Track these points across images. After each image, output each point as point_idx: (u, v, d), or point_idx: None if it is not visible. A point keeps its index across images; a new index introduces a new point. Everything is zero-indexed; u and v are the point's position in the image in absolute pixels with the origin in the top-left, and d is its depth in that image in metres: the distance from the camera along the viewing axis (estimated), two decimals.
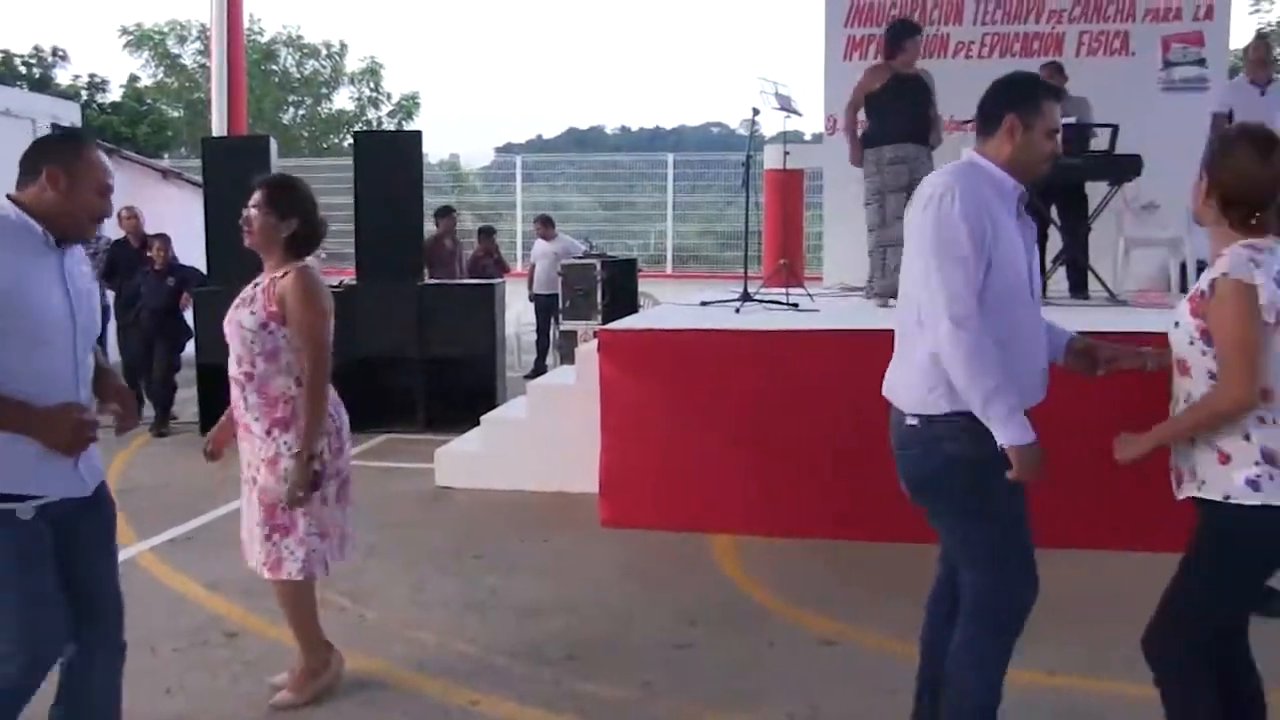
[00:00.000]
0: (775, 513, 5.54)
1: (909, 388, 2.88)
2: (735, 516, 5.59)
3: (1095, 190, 7.52)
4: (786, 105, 7.42)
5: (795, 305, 6.80)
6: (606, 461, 5.83)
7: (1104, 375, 3.03)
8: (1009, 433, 2.69)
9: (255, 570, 3.65)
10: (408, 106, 25.92)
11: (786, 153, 8.83)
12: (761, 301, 6.93)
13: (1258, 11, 23.29)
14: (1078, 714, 3.65)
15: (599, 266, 9.16)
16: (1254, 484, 2.54)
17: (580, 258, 10.13)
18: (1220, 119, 7.57)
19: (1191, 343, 2.64)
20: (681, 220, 18.66)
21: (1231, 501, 2.57)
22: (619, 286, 9.30)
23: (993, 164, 2.84)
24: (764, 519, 5.54)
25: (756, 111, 7.42)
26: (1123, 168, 7.12)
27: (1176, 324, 2.70)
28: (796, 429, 5.50)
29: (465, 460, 6.81)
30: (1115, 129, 7.22)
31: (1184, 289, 8.10)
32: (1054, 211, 7.45)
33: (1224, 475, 2.59)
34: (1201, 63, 8.74)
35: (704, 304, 7.20)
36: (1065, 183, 7.12)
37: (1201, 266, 8.56)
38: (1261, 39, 7.66)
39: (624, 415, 5.78)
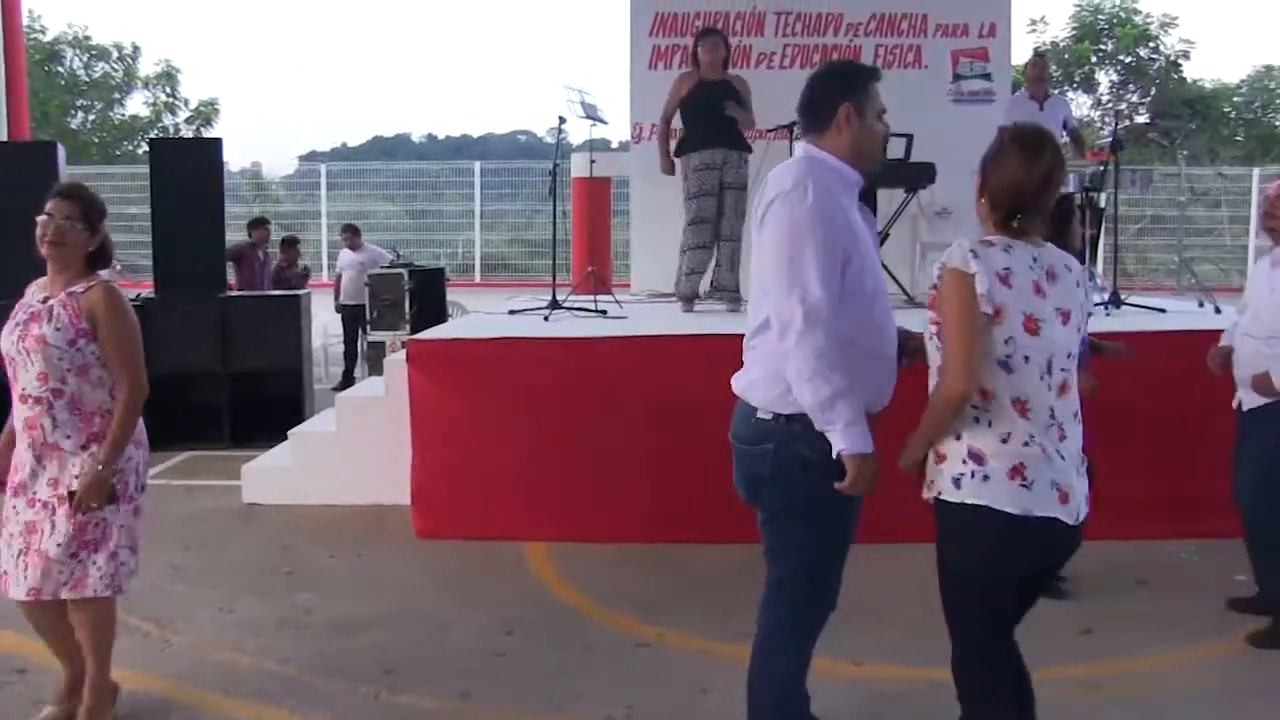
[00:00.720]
0: (589, 518, 5.63)
1: (765, 385, 2.85)
2: (550, 523, 5.66)
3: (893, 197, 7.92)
4: (592, 114, 7.55)
5: (603, 312, 6.92)
6: (418, 473, 5.81)
7: (906, 367, 3.02)
8: (850, 439, 2.67)
9: (26, 596, 3.43)
10: (206, 113, 24.86)
11: (593, 161, 8.95)
12: (570, 309, 7.03)
13: (1034, 31, 24.83)
14: (887, 700, 3.85)
15: (406, 276, 9.08)
16: (956, 482, 2.62)
17: (387, 267, 10.02)
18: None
19: (930, 338, 2.73)
20: (489, 229, 18.66)
21: (942, 499, 2.67)
22: (427, 296, 9.24)
23: (833, 157, 2.84)
24: (578, 525, 5.62)
25: (563, 120, 7.52)
26: (917, 175, 7.53)
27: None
28: (607, 434, 5.61)
29: (273, 475, 6.66)
30: (910, 138, 7.62)
31: None
32: None
33: (939, 474, 2.67)
34: (988, 77, 9.30)
35: (513, 313, 7.25)
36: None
37: None
38: (1039, 57, 8.26)
39: (435, 426, 5.78)
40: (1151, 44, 23.67)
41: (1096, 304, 6.89)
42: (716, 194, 7.03)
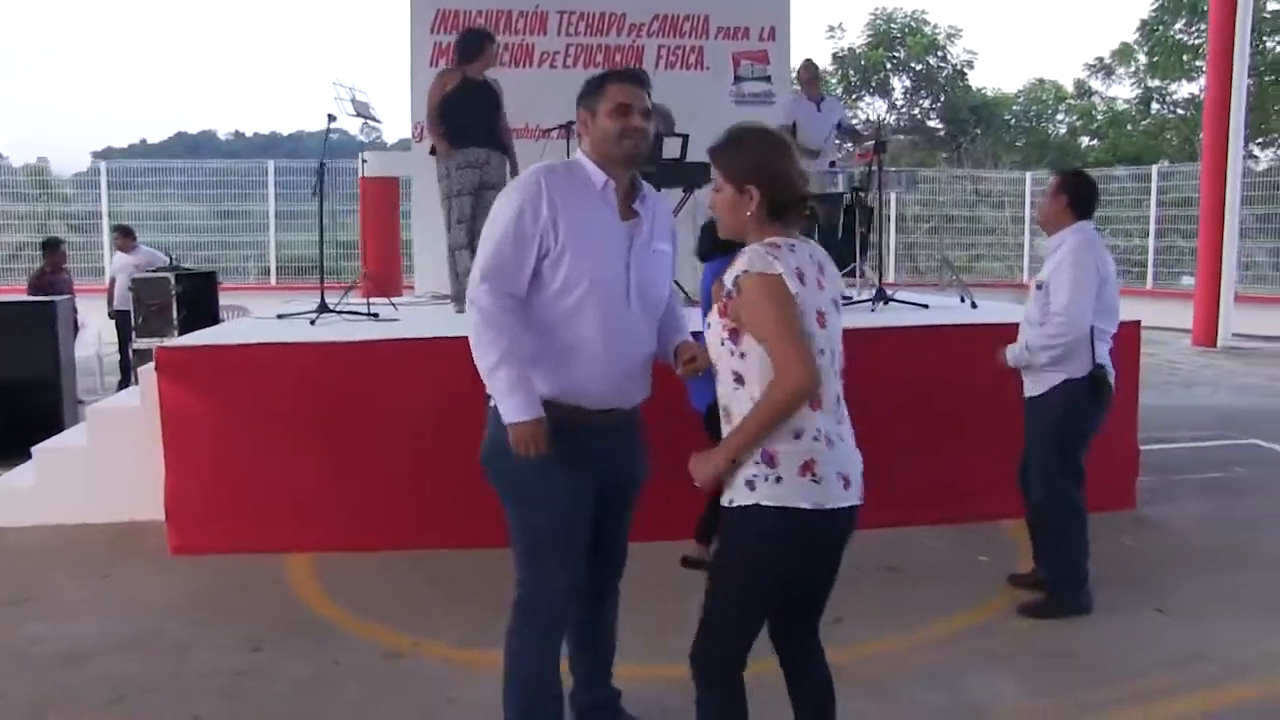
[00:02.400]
0: (354, 528, 5.47)
1: None
2: (313, 535, 5.48)
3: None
4: (364, 111, 7.40)
5: (375, 315, 6.77)
6: (172, 486, 5.54)
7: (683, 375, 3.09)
8: (506, 407, 2.84)
9: None
10: None
11: (364, 160, 8.77)
12: (341, 313, 6.84)
13: (832, 37, 25.71)
14: (635, 699, 3.85)
15: (173, 280, 8.65)
16: (750, 484, 2.61)
17: (156, 270, 9.55)
18: (784, 130, 8.30)
19: (722, 344, 2.71)
20: (290, 230, 18.06)
21: (735, 505, 2.65)
22: (197, 300, 8.83)
23: (587, 158, 2.98)
24: (344, 535, 5.46)
25: (333, 118, 7.33)
26: (693, 175, 7.60)
27: (709, 325, 2.76)
28: (372, 441, 5.47)
29: (15, 496, 6.22)
30: (685, 138, 7.71)
31: None
32: None
33: (734, 480, 2.66)
34: (768, 79, 9.54)
35: (280, 316, 7.01)
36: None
37: None
38: (809, 62, 8.48)
39: (190, 436, 5.52)
40: (940, 52, 24.80)
41: (863, 300, 7.16)
42: (474, 193, 6.96)
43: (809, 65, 8.37)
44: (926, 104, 25.22)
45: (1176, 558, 5.37)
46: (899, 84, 25.33)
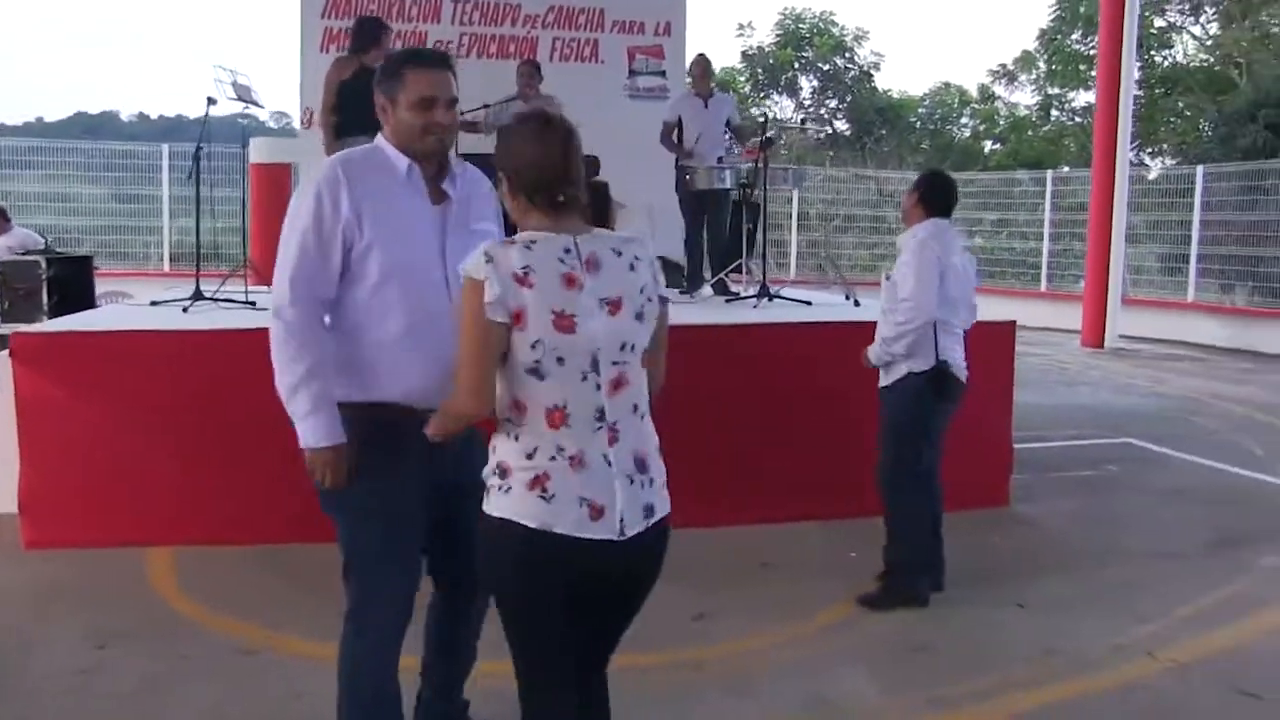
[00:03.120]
0: (217, 520, 5.32)
1: None
2: (175, 528, 5.31)
3: None
4: (245, 95, 7.21)
5: (253, 304, 6.60)
6: (26, 478, 5.32)
7: None
8: (303, 432, 2.69)
9: None
10: None
11: (245, 146, 8.57)
12: (218, 300, 6.67)
13: (742, 35, 25.90)
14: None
15: (43, 263, 8.34)
16: (488, 491, 2.45)
17: (27, 253, 9.20)
18: (670, 126, 8.31)
19: None
20: (189, 215, 17.56)
21: (484, 512, 2.46)
22: (71, 285, 8.52)
23: (388, 145, 2.81)
24: (206, 528, 5.30)
25: (212, 101, 7.12)
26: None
27: None
28: (234, 432, 5.30)
29: None
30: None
31: None
32: None
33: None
34: (662, 74, 9.54)
35: (154, 303, 6.81)
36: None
37: (664, 263, 9.39)
38: (700, 57, 8.46)
39: (45, 426, 5.31)
40: (847, 54, 25.11)
41: (747, 296, 7.18)
42: None
43: (700, 60, 8.35)
44: (833, 104, 25.52)
45: (1042, 554, 5.48)
46: (807, 84, 25.59)
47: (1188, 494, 6.64)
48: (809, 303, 7.14)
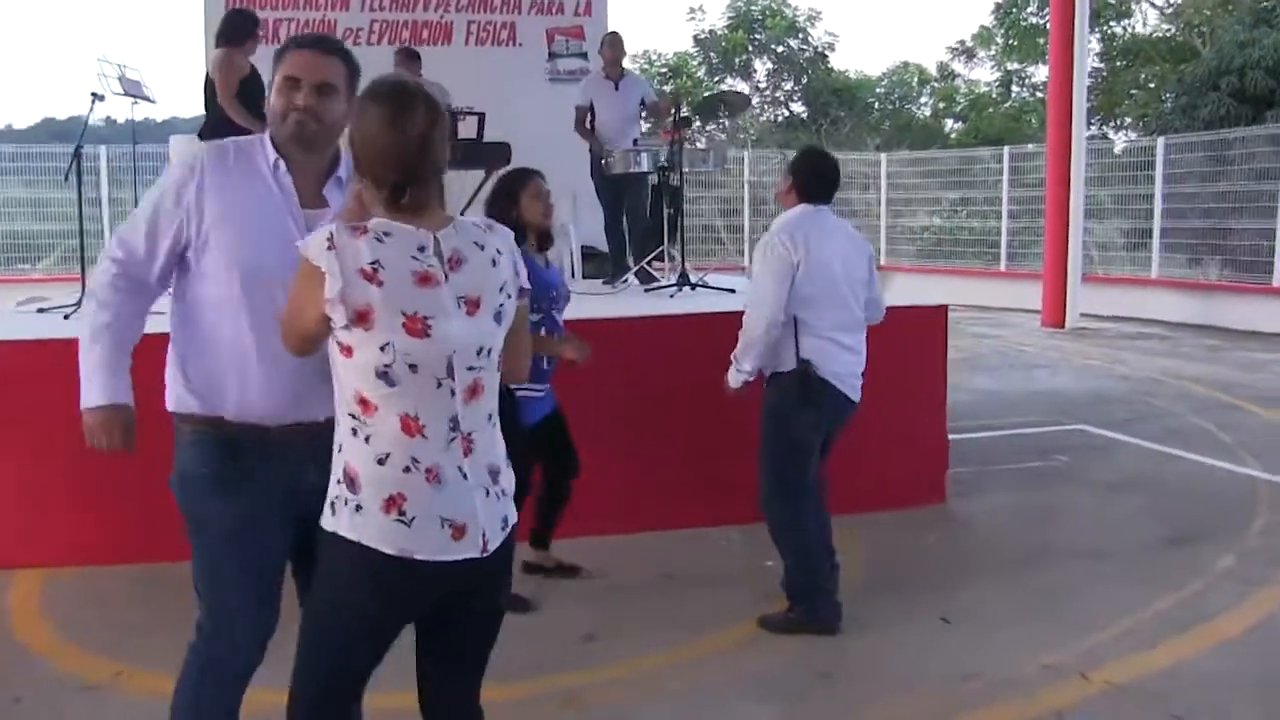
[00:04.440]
0: (92, 539, 4.89)
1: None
2: (46, 547, 4.90)
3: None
4: (135, 90, 6.79)
5: None
6: None
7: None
8: (84, 391, 2.49)
9: None
10: None
11: (136, 144, 8.16)
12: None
13: (693, 19, 25.50)
14: None
15: None
16: (332, 506, 2.20)
17: None
18: (582, 111, 7.93)
19: None
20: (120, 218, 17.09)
21: (321, 526, 2.23)
22: None
23: (268, 137, 2.56)
24: (79, 547, 4.89)
25: (99, 97, 6.66)
26: (491, 155, 7.14)
27: None
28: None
29: None
30: (482, 116, 7.29)
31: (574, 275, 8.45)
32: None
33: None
34: (584, 55, 9.14)
35: (41, 310, 6.41)
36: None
37: (586, 253, 9.01)
38: (610, 37, 8.08)
39: None
40: (801, 35, 24.77)
41: (666, 285, 6.80)
42: None
43: (611, 41, 7.95)
44: (789, 87, 25.18)
45: (975, 556, 5.12)
46: (761, 67, 25.25)
47: (1140, 486, 6.25)
48: (733, 290, 6.73)
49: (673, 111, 7.14)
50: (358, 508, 2.13)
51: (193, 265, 2.50)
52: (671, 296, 6.56)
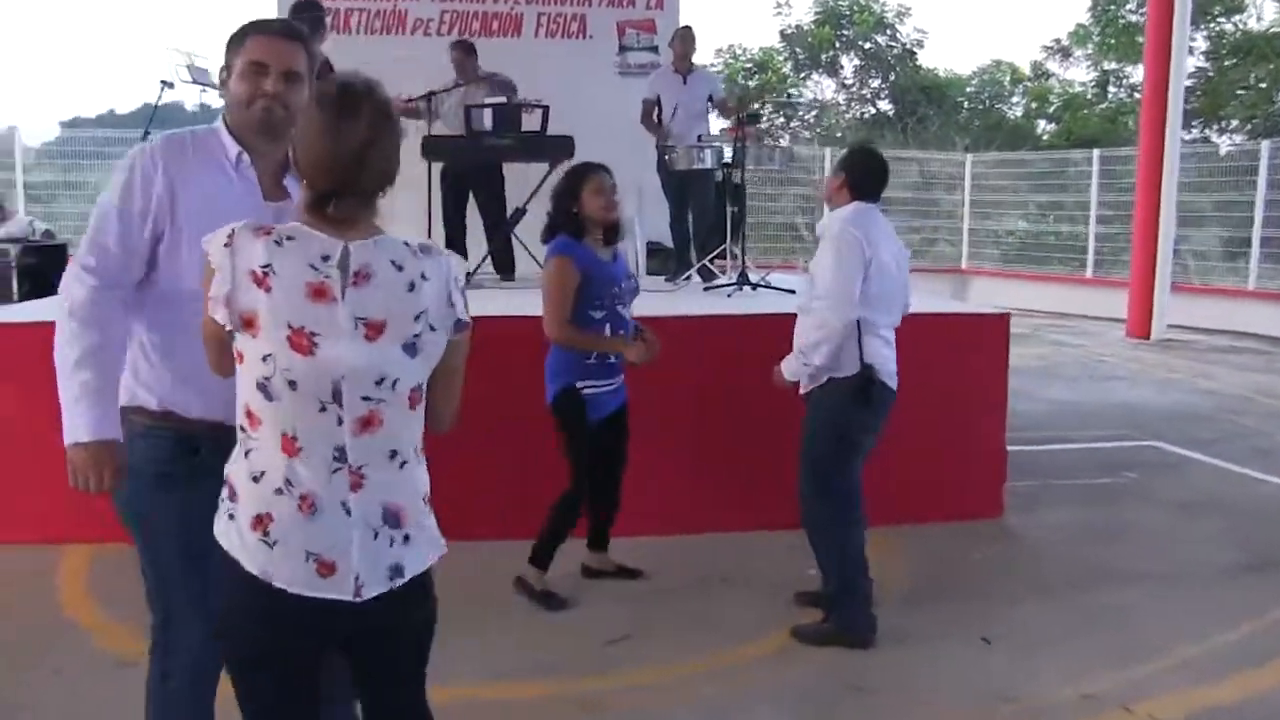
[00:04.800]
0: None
1: None
2: (100, 524, 4.86)
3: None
4: (202, 78, 6.90)
5: None
6: None
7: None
8: (70, 420, 2.33)
9: None
10: None
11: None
12: None
13: (779, 14, 25.23)
14: None
15: (15, 251, 8.29)
16: (218, 516, 2.12)
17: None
18: (649, 105, 7.86)
19: None
20: None
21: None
22: (42, 273, 8.45)
23: (224, 128, 2.51)
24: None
25: (169, 84, 6.79)
26: (554, 148, 7.11)
27: None
28: None
29: None
30: (546, 109, 7.25)
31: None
32: None
33: None
34: (654, 49, 9.06)
35: None
36: (487, 163, 7.08)
37: (651, 249, 8.94)
38: (681, 32, 8.02)
39: None
40: (889, 31, 24.37)
41: (727, 285, 6.70)
42: None
43: (681, 36, 7.88)
44: (876, 84, 24.80)
45: (1026, 574, 4.93)
46: (848, 63, 24.89)
47: (1215, 507, 5.97)
48: (793, 291, 6.61)
49: (738, 109, 7.04)
50: (231, 516, 2.04)
51: (162, 260, 2.43)
52: (729, 296, 6.47)
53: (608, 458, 4.46)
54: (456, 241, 7.38)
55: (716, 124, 8.31)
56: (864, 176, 4.16)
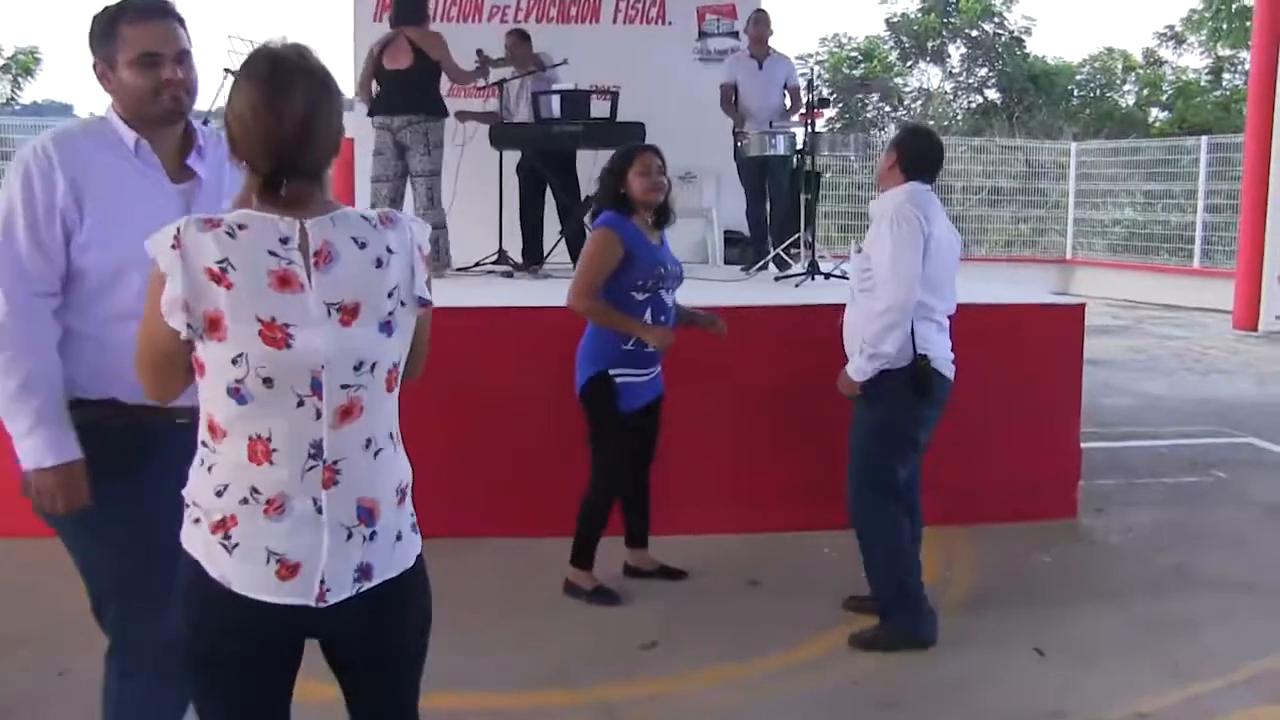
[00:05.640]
0: None
1: None
2: None
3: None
4: None
5: None
6: None
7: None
8: (26, 448, 2.22)
9: None
10: (25, 62, 22.84)
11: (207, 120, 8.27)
12: None
13: (885, 2, 24.59)
14: None
15: None
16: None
17: None
18: (727, 90, 7.61)
19: None
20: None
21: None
22: None
23: (115, 116, 2.37)
24: None
25: (230, 72, 6.73)
26: (624, 135, 6.88)
27: None
28: None
29: None
30: (615, 95, 7.06)
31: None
32: None
33: None
34: (735, 35, 8.78)
35: None
36: (561, 151, 6.89)
37: (728, 238, 8.69)
38: (757, 15, 7.73)
39: None
40: (996, 19, 23.60)
41: (798, 275, 6.43)
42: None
43: (756, 19, 7.59)
44: (983, 72, 24.02)
45: (1093, 579, 4.59)
46: (955, 51, 24.16)
47: None
48: None
49: (809, 95, 6.75)
50: (196, 521, 1.87)
51: (77, 255, 2.28)
52: (797, 286, 6.19)
53: (638, 453, 4.26)
54: (535, 234, 7.21)
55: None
56: (916, 157, 3.86)
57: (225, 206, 2.23)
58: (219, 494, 1.83)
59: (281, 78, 1.80)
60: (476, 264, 7.03)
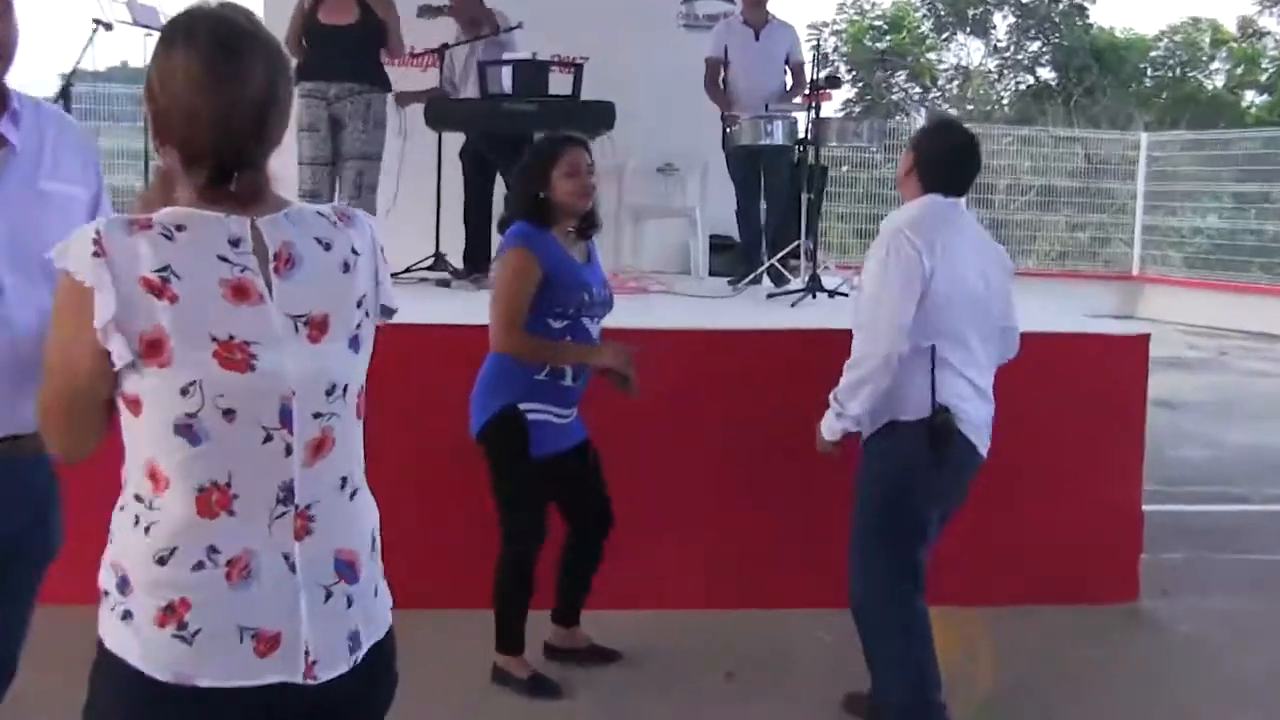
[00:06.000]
0: None
1: None
2: None
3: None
4: (148, 19, 6.78)
5: None
6: None
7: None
8: None
9: None
10: None
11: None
12: None
13: None
14: None
15: None
16: (101, 605, 1.87)
17: None
18: (714, 65, 7.59)
19: None
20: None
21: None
22: None
23: None
24: None
25: (106, 26, 6.67)
26: (589, 116, 6.82)
27: None
28: None
29: None
30: (579, 68, 7.01)
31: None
32: None
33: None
34: None
35: None
36: (513, 134, 6.81)
37: (716, 244, 8.64)
38: None
39: None
40: None
41: (795, 291, 6.39)
42: None
43: None
44: (1035, 47, 24.28)
45: (1149, 683, 4.52)
46: (1001, 22, 24.43)
47: None
48: None
49: (813, 72, 6.72)
50: (126, 614, 1.78)
51: None
52: (793, 305, 6.15)
53: (583, 511, 4.24)
54: (480, 234, 7.10)
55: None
56: (939, 162, 3.76)
57: (45, 188, 2.35)
58: (161, 561, 1.76)
59: (232, 49, 1.76)
60: (407, 269, 6.93)
